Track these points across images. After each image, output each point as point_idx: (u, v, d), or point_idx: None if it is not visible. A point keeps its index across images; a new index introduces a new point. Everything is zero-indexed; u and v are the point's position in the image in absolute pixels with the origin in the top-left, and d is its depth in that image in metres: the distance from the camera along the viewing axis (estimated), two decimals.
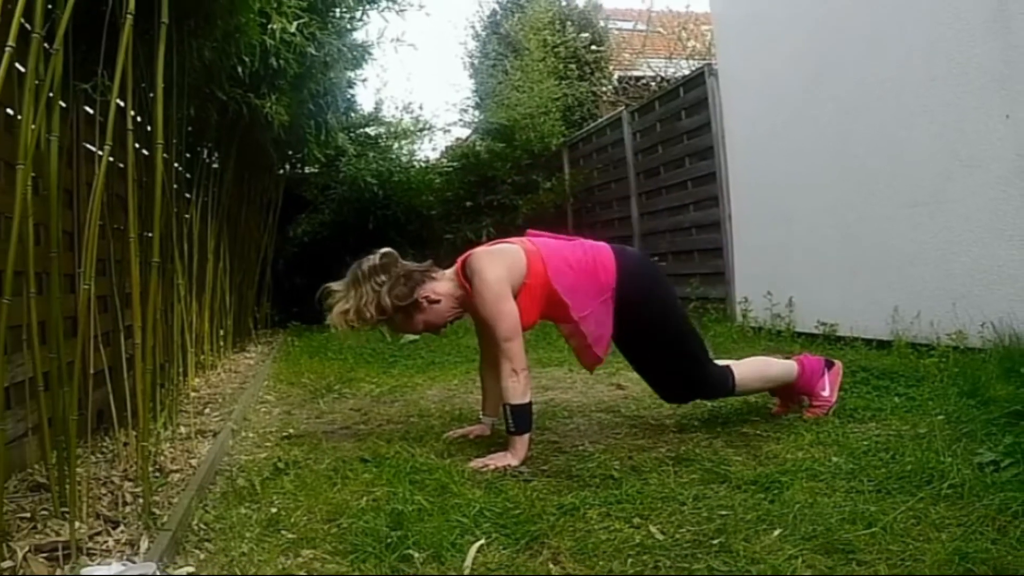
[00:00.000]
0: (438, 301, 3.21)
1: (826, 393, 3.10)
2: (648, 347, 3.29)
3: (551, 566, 2.04)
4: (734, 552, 2.01)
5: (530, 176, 11.15)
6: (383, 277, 3.17)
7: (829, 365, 3.23)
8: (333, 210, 10.56)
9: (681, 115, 7.99)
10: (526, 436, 3.08)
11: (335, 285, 3.25)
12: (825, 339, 5.50)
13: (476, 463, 3.02)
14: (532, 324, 3.22)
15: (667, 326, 3.28)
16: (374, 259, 3.25)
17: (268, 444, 3.63)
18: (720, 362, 3.30)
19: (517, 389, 3.03)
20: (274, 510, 2.62)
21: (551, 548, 2.15)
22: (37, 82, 2.26)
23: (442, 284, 3.25)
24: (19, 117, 2.33)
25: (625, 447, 3.24)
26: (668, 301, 3.37)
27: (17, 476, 2.84)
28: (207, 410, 4.36)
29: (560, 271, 3.13)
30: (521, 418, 3.05)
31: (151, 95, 3.05)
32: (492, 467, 2.97)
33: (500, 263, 3.11)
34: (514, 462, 3.00)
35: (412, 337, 7.38)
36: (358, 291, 3.16)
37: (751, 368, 3.19)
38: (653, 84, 13.66)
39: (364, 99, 13.89)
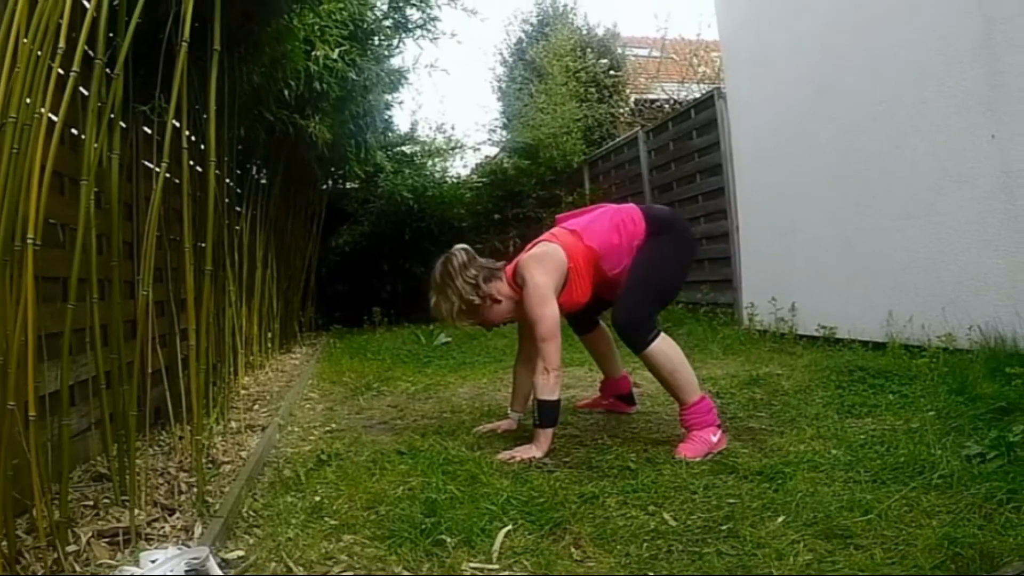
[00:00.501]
0: (500, 301, 3.24)
1: (714, 439, 2.94)
2: (633, 265, 3.17)
3: (572, 550, 2.07)
4: (741, 537, 2.04)
5: (553, 191, 11.20)
6: (472, 272, 3.19)
7: (720, 428, 3.06)
8: (372, 222, 10.58)
9: (692, 135, 8.01)
10: (550, 431, 3.07)
11: (433, 292, 3.27)
12: (825, 341, 5.47)
13: (503, 455, 3.02)
14: (590, 297, 3.24)
15: (657, 260, 3.17)
16: (462, 256, 3.23)
17: (312, 438, 3.63)
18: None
19: (547, 386, 3.04)
20: (317, 498, 2.63)
21: (573, 533, 2.17)
22: (99, 104, 2.28)
23: (504, 286, 3.26)
24: (83, 136, 2.35)
25: (640, 440, 3.24)
26: (669, 253, 3.25)
27: (81, 467, 2.85)
28: (256, 406, 4.36)
29: (603, 241, 3.15)
30: (548, 413, 3.05)
31: (205, 116, 3.06)
32: (518, 459, 2.97)
33: (545, 268, 3.12)
34: (538, 454, 3.00)
35: (445, 339, 7.39)
36: (454, 286, 3.17)
37: (674, 356, 3.06)
38: (667, 106, 13.67)
39: (400, 120, 13.97)
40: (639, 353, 3.10)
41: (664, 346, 3.07)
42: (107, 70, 2.42)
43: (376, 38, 6.91)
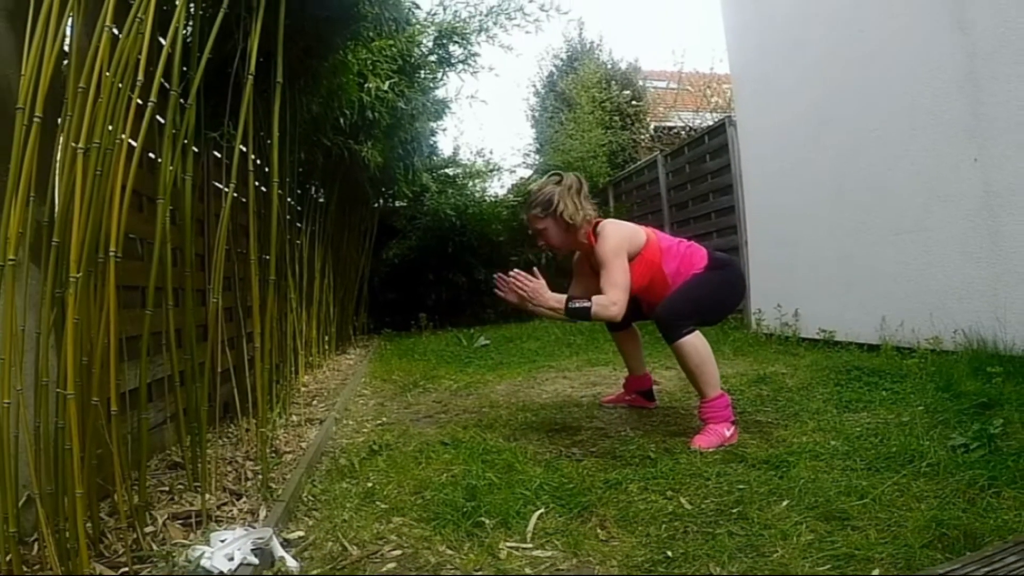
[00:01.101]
0: (572, 236, 3.32)
1: (727, 433, 2.93)
2: (686, 282, 3.20)
3: (599, 531, 2.09)
4: (750, 519, 2.06)
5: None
6: (585, 201, 3.30)
7: (734, 423, 3.04)
8: (418, 237, 10.62)
9: (706, 158, 7.98)
10: (561, 310, 3.06)
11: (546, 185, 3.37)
12: (825, 343, 5.44)
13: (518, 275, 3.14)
14: (635, 289, 3.21)
15: (706, 285, 3.21)
16: (571, 178, 3.37)
17: (365, 430, 3.64)
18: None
19: (602, 311, 3.03)
20: (370, 484, 2.65)
21: (599, 516, 2.19)
22: (174, 131, 2.30)
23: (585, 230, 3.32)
24: (159, 160, 2.37)
25: (659, 432, 3.22)
26: (721, 284, 3.28)
27: (158, 456, 2.88)
28: (314, 402, 4.38)
29: (669, 259, 3.22)
30: (577, 313, 3.05)
31: (268, 142, 3.08)
32: (530, 289, 3.07)
33: (623, 234, 3.21)
34: (544, 303, 3.07)
35: (484, 342, 7.38)
36: (577, 200, 3.27)
37: (703, 351, 3.04)
38: (683, 133, 13.62)
39: (444, 145, 14.02)
40: (672, 343, 3.06)
41: (696, 341, 3.04)
42: (181, 100, 2.44)
43: (422, 71, 6.94)
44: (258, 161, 3.78)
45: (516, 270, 3.10)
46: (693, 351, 3.02)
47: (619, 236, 3.18)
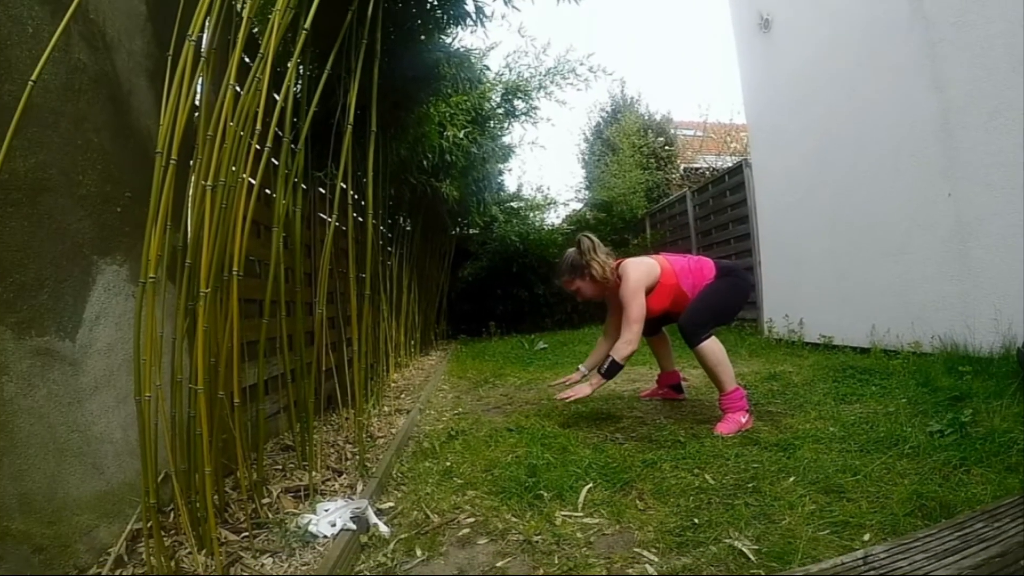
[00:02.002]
0: (605, 282, 3.33)
1: (743, 420, 2.91)
2: (702, 291, 3.18)
3: (637, 502, 2.12)
4: (762, 492, 2.09)
5: (623, 235, 11.19)
6: (602, 255, 3.34)
7: (749, 412, 3.00)
8: (488, 258, 10.66)
9: (727, 194, 8.00)
10: (603, 381, 3.09)
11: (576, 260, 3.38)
12: (825, 347, 5.44)
13: (560, 395, 3.18)
14: (662, 310, 3.25)
15: (720, 292, 3.19)
16: (588, 240, 3.38)
17: (444, 418, 3.62)
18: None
19: (623, 352, 3.06)
20: (448, 464, 2.68)
21: (638, 489, 2.22)
22: (286, 171, 2.30)
23: (611, 272, 3.34)
24: (274, 195, 2.38)
25: (688, 420, 3.19)
26: (731, 289, 3.25)
27: (273, 440, 2.89)
28: (402, 395, 4.37)
29: (684, 277, 3.22)
30: (612, 370, 3.07)
31: (364, 180, 3.08)
32: (573, 397, 3.10)
33: (641, 271, 3.21)
34: (587, 392, 3.09)
35: (542, 346, 7.32)
36: (597, 259, 3.32)
37: (719, 353, 3.02)
38: (707, 173, 13.54)
39: (509, 182, 14.16)
40: (693, 348, 3.07)
41: (712, 345, 3.03)
42: (292, 146, 2.45)
43: (491, 122, 6.96)
44: (355, 196, 3.80)
45: (563, 395, 3.15)
46: (710, 353, 3.02)
47: (637, 276, 3.18)
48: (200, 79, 1.83)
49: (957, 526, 1.64)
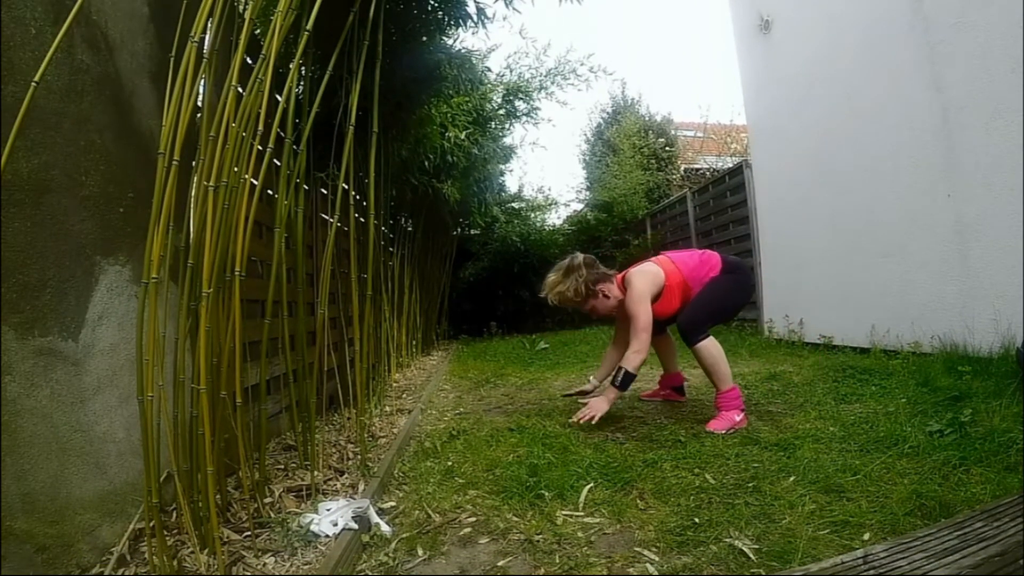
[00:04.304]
0: (608, 298, 3.27)
1: (737, 419, 2.92)
2: (703, 290, 3.19)
3: (638, 501, 2.11)
4: (763, 492, 2.09)
5: (624, 236, 11.18)
6: (585, 272, 3.23)
7: (743, 411, 3.01)
8: (489, 259, 10.66)
9: (727, 194, 7.98)
10: (619, 393, 3.08)
11: (554, 273, 3.32)
12: (825, 347, 5.43)
13: (576, 417, 3.05)
14: (675, 310, 3.25)
15: (720, 291, 3.19)
16: (582, 258, 3.30)
17: (446, 418, 3.61)
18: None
19: (634, 362, 3.04)
20: (449, 463, 2.67)
21: (638, 489, 2.21)
22: (288, 172, 2.30)
23: (614, 288, 3.29)
24: (276, 196, 2.38)
25: (689, 420, 3.19)
26: (732, 288, 3.25)
27: (275, 440, 2.89)
28: (404, 395, 4.37)
29: (691, 273, 3.22)
30: (626, 381, 3.05)
31: (366, 181, 3.09)
32: (588, 417, 3.01)
33: (646, 280, 3.18)
34: (604, 407, 3.04)
35: (543, 346, 7.31)
36: (571, 278, 3.22)
37: (716, 352, 3.04)
38: (708, 173, 13.54)
39: (511, 183, 14.15)
40: (691, 347, 3.09)
41: (710, 345, 3.06)
42: (294, 147, 2.45)
43: (493, 123, 6.95)
44: (357, 196, 3.80)
45: (580, 415, 3.04)
46: (707, 353, 3.05)
47: (642, 286, 3.16)
48: (202, 80, 1.83)
49: (956, 525, 1.63)
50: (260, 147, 1.96)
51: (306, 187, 2.83)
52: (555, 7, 3.85)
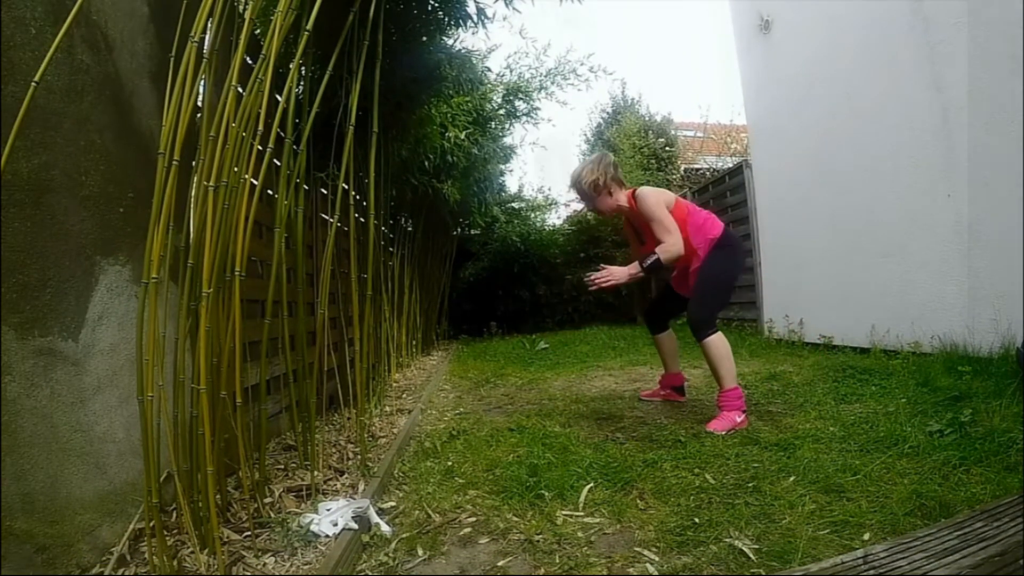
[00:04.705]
0: (612, 197, 3.32)
1: (738, 420, 2.94)
2: (704, 274, 3.20)
3: (638, 501, 2.11)
4: (763, 492, 2.09)
5: (624, 236, 11.02)
6: (612, 171, 3.32)
7: (744, 412, 3.04)
8: (490, 259, 10.65)
9: (727, 194, 7.97)
10: (642, 273, 3.04)
11: (586, 163, 3.40)
12: (825, 347, 5.44)
13: (594, 277, 3.02)
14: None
15: (719, 271, 3.21)
16: (613, 158, 3.42)
17: (446, 418, 3.61)
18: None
19: (668, 252, 3.04)
20: (449, 463, 2.67)
21: (638, 489, 2.22)
22: (288, 172, 2.30)
23: (623, 195, 3.34)
24: (276, 196, 2.38)
25: (689, 420, 3.19)
26: (728, 266, 3.26)
27: (275, 440, 2.89)
28: (404, 395, 4.37)
29: (695, 222, 3.24)
30: (653, 265, 3.03)
31: (366, 181, 3.08)
32: (604, 279, 3.00)
33: (656, 192, 3.23)
34: (623, 278, 3.00)
35: (543, 346, 7.31)
36: (599, 168, 3.30)
37: (723, 349, 3.08)
38: (707, 173, 13.49)
39: (511, 183, 14.13)
40: (700, 342, 3.11)
41: (718, 340, 3.09)
42: (294, 147, 2.45)
43: (493, 123, 6.94)
44: (357, 196, 3.80)
45: (590, 275, 3.02)
46: (715, 349, 3.07)
47: (655, 195, 3.18)
48: (202, 80, 1.83)
49: (956, 525, 1.63)
50: (260, 147, 1.96)
51: (306, 187, 2.83)
52: (554, 7, 3.84)
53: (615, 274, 3.01)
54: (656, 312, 3.68)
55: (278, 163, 2.41)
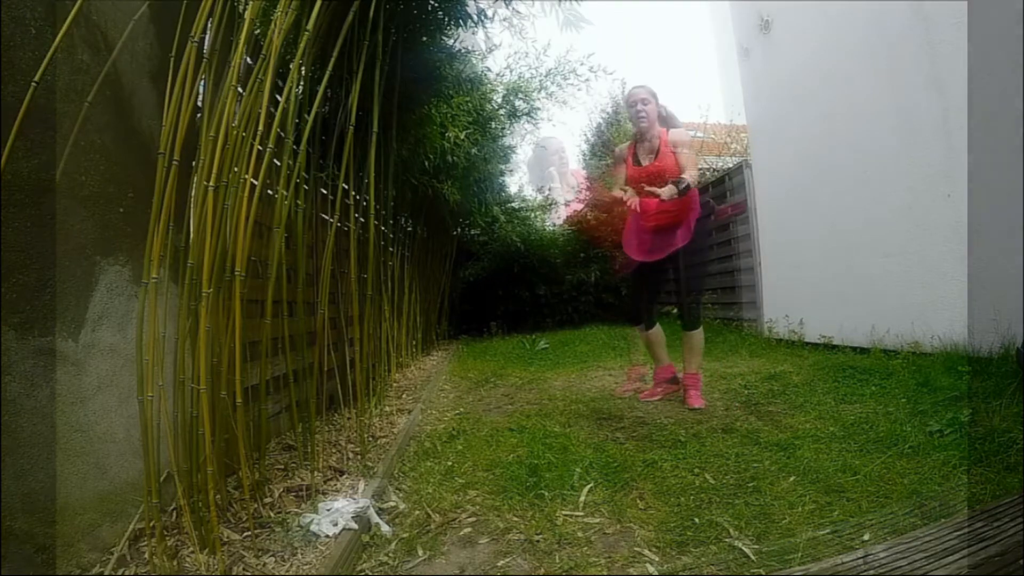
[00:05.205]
0: (658, 120, 3.82)
1: (698, 405, 3.40)
2: (693, 258, 3.65)
3: (638, 501, 2.12)
4: (763, 492, 2.10)
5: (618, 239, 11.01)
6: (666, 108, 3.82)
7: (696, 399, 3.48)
8: (490, 259, 10.62)
9: (727, 195, 7.94)
10: (677, 195, 3.34)
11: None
12: (825, 347, 5.42)
13: (627, 197, 3.47)
14: (656, 208, 3.65)
15: (703, 247, 3.79)
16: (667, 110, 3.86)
17: (446, 418, 3.61)
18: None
19: (688, 182, 3.43)
20: (449, 463, 2.68)
21: (638, 489, 2.23)
22: (288, 172, 2.30)
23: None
24: (276, 195, 2.38)
25: (689, 420, 3.19)
26: (704, 247, 3.84)
27: (275, 440, 2.88)
28: (404, 395, 4.36)
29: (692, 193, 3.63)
30: (686, 190, 3.39)
31: (366, 181, 3.08)
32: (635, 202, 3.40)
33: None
34: (666, 195, 3.31)
35: (543, 345, 7.31)
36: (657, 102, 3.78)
37: (701, 342, 3.64)
38: (707, 173, 13.44)
39: (511, 183, 14.15)
40: (691, 331, 3.59)
41: (701, 334, 3.63)
42: (294, 147, 2.45)
43: (493, 123, 6.92)
44: (357, 197, 3.79)
45: (627, 197, 3.46)
46: (699, 340, 3.61)
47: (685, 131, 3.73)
48: (202, 80, 1.83)
49: (956, 525, 1.64)
50: (260, 147, 1.96)
51: (306, 187, 2.82)
52: (554, 6, 3.83)
53: (658, 193, 3.28)
54: (651, 306, 3.89)
55: (278, 163, 2.41)
